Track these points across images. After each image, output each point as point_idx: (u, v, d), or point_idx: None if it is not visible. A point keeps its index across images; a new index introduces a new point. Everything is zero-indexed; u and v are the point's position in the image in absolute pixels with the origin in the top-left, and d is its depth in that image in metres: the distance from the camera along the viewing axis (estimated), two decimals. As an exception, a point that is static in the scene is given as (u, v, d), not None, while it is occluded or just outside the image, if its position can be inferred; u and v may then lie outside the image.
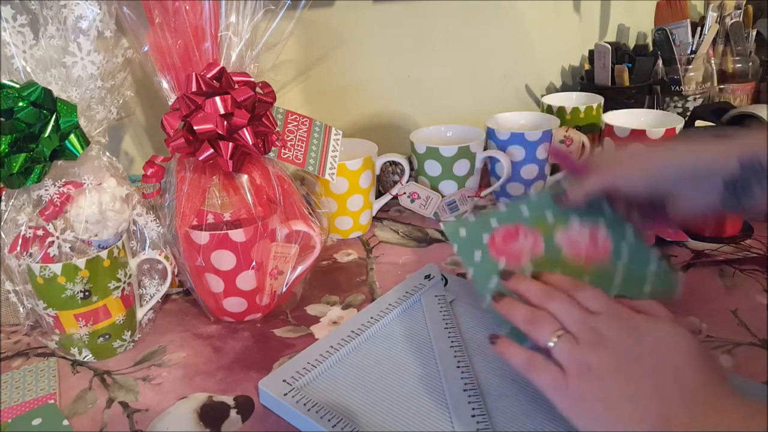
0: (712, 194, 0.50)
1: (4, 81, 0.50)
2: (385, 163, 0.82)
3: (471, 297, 0.61)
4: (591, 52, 1.11)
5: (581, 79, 1.14)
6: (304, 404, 0.48)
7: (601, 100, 0.96)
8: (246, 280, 0.60)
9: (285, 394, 0.49)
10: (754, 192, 0.48)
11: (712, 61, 1.10)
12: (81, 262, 0.53)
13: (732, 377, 0.48)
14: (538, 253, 0.55)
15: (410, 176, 0.83)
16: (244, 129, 0.55)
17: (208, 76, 0.54)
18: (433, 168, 0.80)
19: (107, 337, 0.57)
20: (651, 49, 1.12)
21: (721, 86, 1.10)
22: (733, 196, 0.49)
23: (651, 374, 0.39)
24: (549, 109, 0.95)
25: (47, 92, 0.51)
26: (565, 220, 0.57)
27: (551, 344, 0.42)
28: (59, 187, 0.53)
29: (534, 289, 0.47)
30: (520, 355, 0.44)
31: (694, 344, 0.40)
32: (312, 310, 0.64)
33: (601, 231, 0.57)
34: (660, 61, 1.07)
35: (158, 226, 0.59)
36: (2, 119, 0.50)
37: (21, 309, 0.56)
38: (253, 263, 0.59)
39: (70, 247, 0.54)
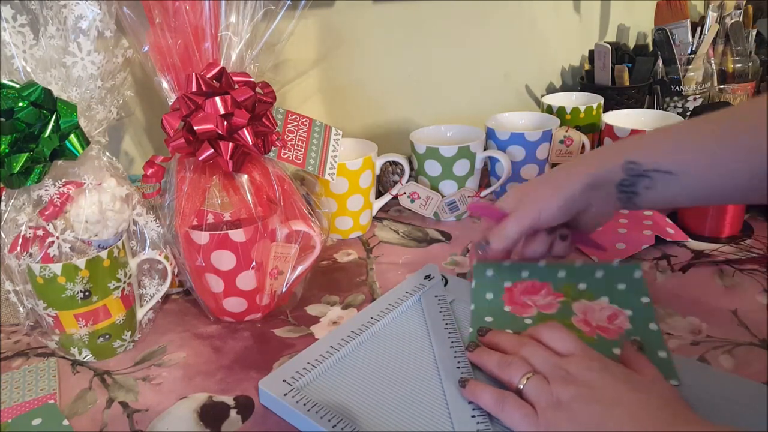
0: (612, 199, 0.54)
1: (4, 81, 0.50)
2: (385, 163, 0.82)
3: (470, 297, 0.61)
4: (591, 52, 1.11)
5: (581, 79, 1.14)
6: (304, 404, 0.48)
7: (601, 100, 0.96)
8: (246, 280, 0.60)
9: (285, 394, 0.49)
10: (640, 191, 0.52)
11: (712, 61, 1.10)
12: (81, 262, 0.53)
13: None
14: (548, 312, 0.57)
15: (410, 176, 0.83)
16: (244, 129, 0.55)
17: (208, 76, 0.54)
18: (433, 168, 0.80)
19: (107, 337, 0.57)
20: (651, 49, 1.12)
21: (721, 86, 1.10)
22: (627, 197, 0.53)
23: (621, 404, 0.40)
24: (549, 109, 0.95)
25: (47, 92, 0.51)
26: (594, 296, 0.58)
27: (521, 386, 0.44)
28: (59, 187, 0.53)
29: (507, 339, 0.50)
30: (489, 394, 0.45)
31: (660, 380, 0.43)
32: (312, 310, 0.64)
33: (624, 316, 0.56)
34: (660, 61, 1.07)
35: (158, 226, 0.59)
36: (2, 119, 0.50)
37: (21, 309, 0.56)
38: (253, 263, 0.59)
39: (70, 247, 0.54)
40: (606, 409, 0.40)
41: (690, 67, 1.06)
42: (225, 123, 0.54)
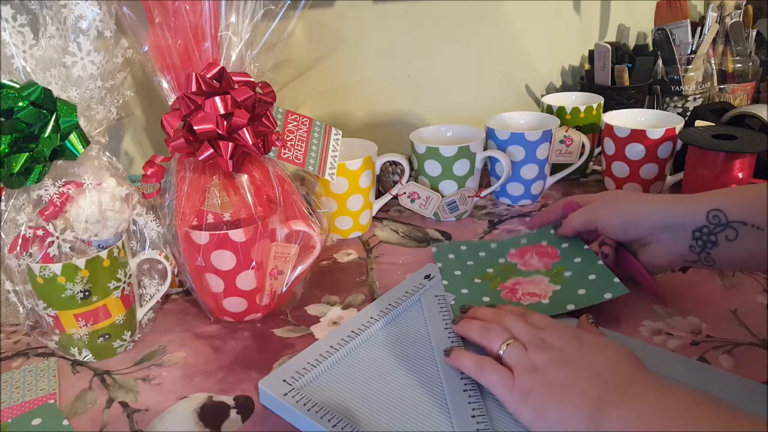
0: (682, 242, 0.56)
1: (4, 81, 0.50)
2: (385, 163, 0.82)
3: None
4: (591, 52, 1.11)
5: (581, 79, 1.14)
6: (304, 404, 0.48)
7: (601, 100, 0.95)
8: (246, 280, 0.60)
9: (285, 394, 0.49)
10: (720, 243, 0.53)
11: (712, 61, 1.10)
12: (81, 262, 0.53)
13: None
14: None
15: (410, 176, 0.83)
16: (244, 129, 0.55)
17: (208, 76, 0.54)
18: (433, 168, 0.80)
19: (107, 337, 0.57)
20: (651, 49, 1.12)
21: (721, 86, 1.11)
22: (701, 245, 0.54)
23: (589, 366, 0.44)
24: (549, 109, 0.95)
25: (47, 92, 0.51)
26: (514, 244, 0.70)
27: (501, 352, 0.48)
28: (59, 187, 0.53)
29: (488, 311, 0.54)
30: (470, 359, 0.49)
31: (624, 347, 0.45)
32: (312, 310, 0.64)
33: (546, 245, 0.67)
34: (660, 61, 1.07)
35: (158, 226, 0.59)
36: (2, 119, 0.50)
37: (21, 309, 0.56)
38: (253, 263, 0.59)
39: (70, 247, 0.54)
40: (574, 370, 0.43)
41: (690, 67, 1.06)
42: (225, 123, 0.54)
